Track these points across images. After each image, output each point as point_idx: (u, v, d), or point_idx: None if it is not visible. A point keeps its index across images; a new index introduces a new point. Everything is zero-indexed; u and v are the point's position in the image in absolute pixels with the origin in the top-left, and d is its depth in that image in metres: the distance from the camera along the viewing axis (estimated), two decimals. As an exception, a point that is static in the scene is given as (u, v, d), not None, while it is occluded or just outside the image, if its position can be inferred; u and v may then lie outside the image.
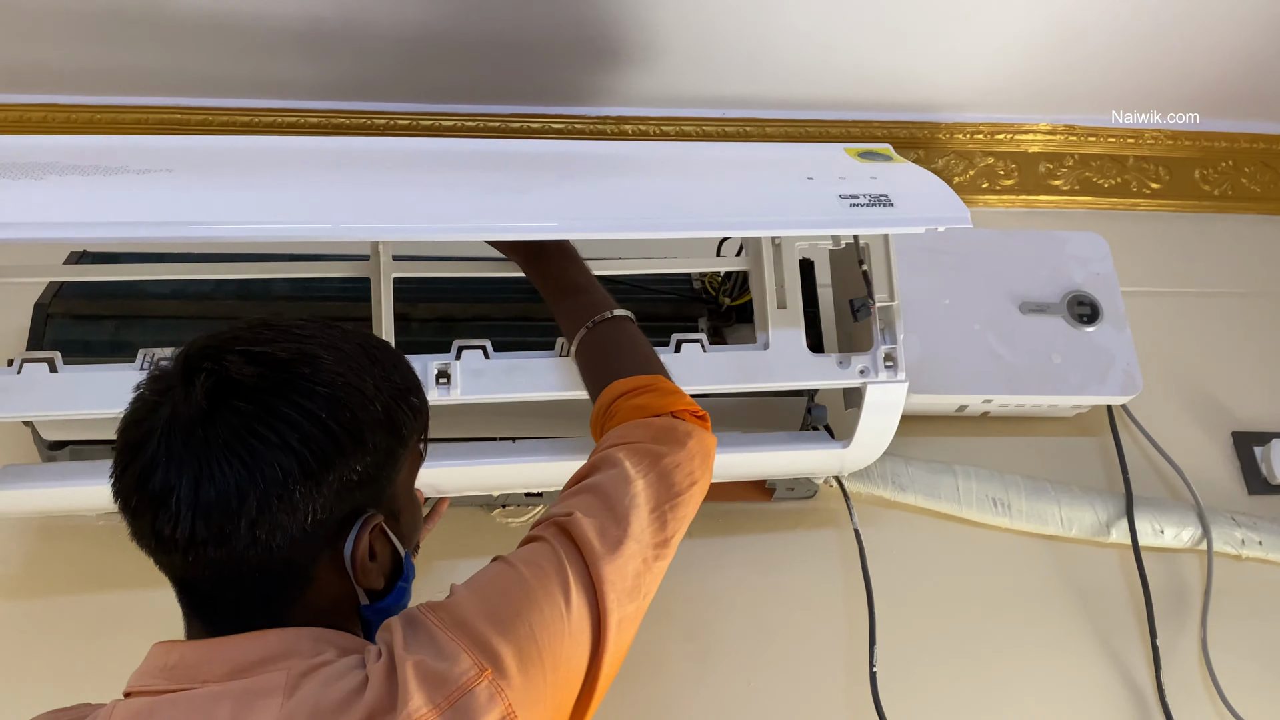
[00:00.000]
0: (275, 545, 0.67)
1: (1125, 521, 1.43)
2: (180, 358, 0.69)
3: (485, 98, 1.64)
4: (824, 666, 1.33)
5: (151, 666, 0.70)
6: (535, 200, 1.01)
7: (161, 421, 0.66)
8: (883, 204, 1.02)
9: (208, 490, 0.65)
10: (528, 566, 0.75)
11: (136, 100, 1.61)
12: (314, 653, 0.68)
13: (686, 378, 1.06)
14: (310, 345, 0.70)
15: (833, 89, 1.66)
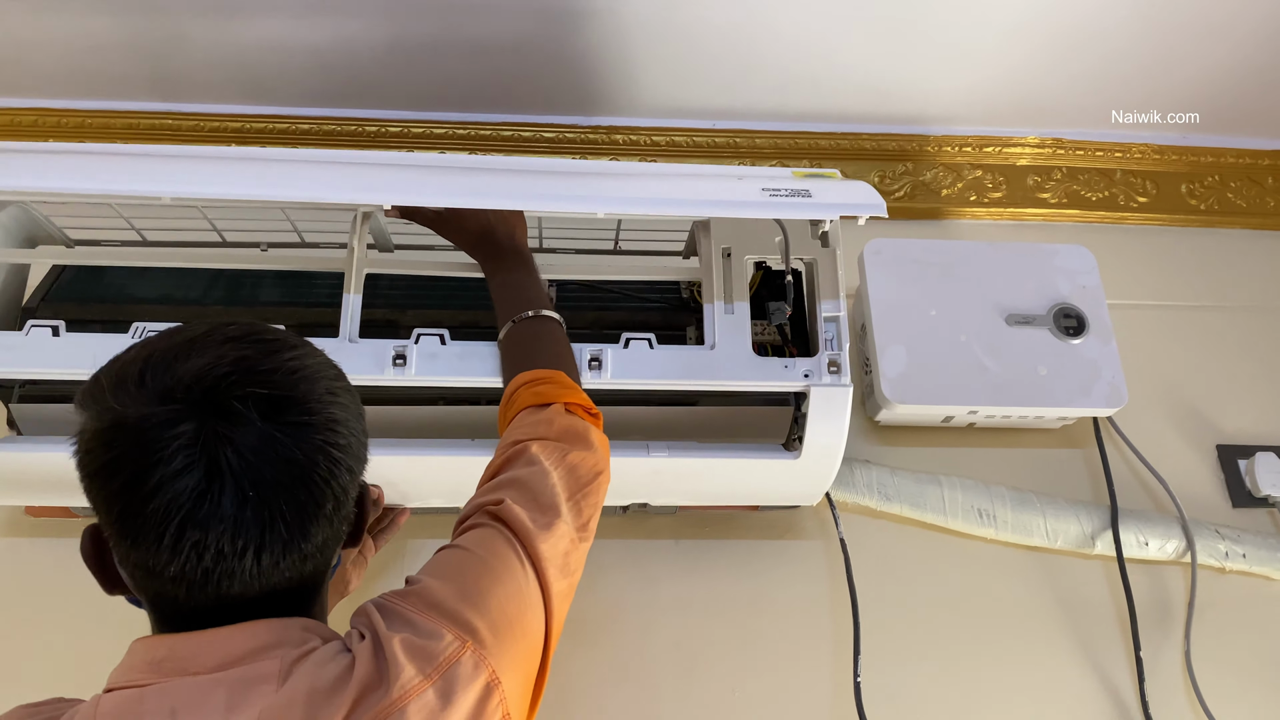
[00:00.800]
0: (318, 580, 0.74)
1: (1110, 533, 1.43)
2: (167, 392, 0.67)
3: (475, 106, 1.64)
4: (808, 676, 1.33)
5: (137, 662, 0.70)
6: (498, 182, 1.11)
7: (198, 454, 0.66)
8: (801, 195, 1.09)
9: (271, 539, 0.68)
10: (481, 548, 0.80)
11: (127, 105, 1.61)
12: (302, 640, 0.70)
13: (635, 371, 1.15)
14: (305, 397, 0.70)
15: (822, 101, 1.67)
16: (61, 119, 1.60)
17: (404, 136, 1.64)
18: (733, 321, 1.19)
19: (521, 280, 1.12)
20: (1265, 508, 1.52)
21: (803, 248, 1.25)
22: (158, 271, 1.33)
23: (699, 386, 1.19)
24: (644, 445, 1.25)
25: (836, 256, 1.23)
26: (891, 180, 1.72)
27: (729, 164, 1.71)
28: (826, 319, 1.20)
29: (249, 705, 0.66)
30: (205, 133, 1.62)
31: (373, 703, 0.67)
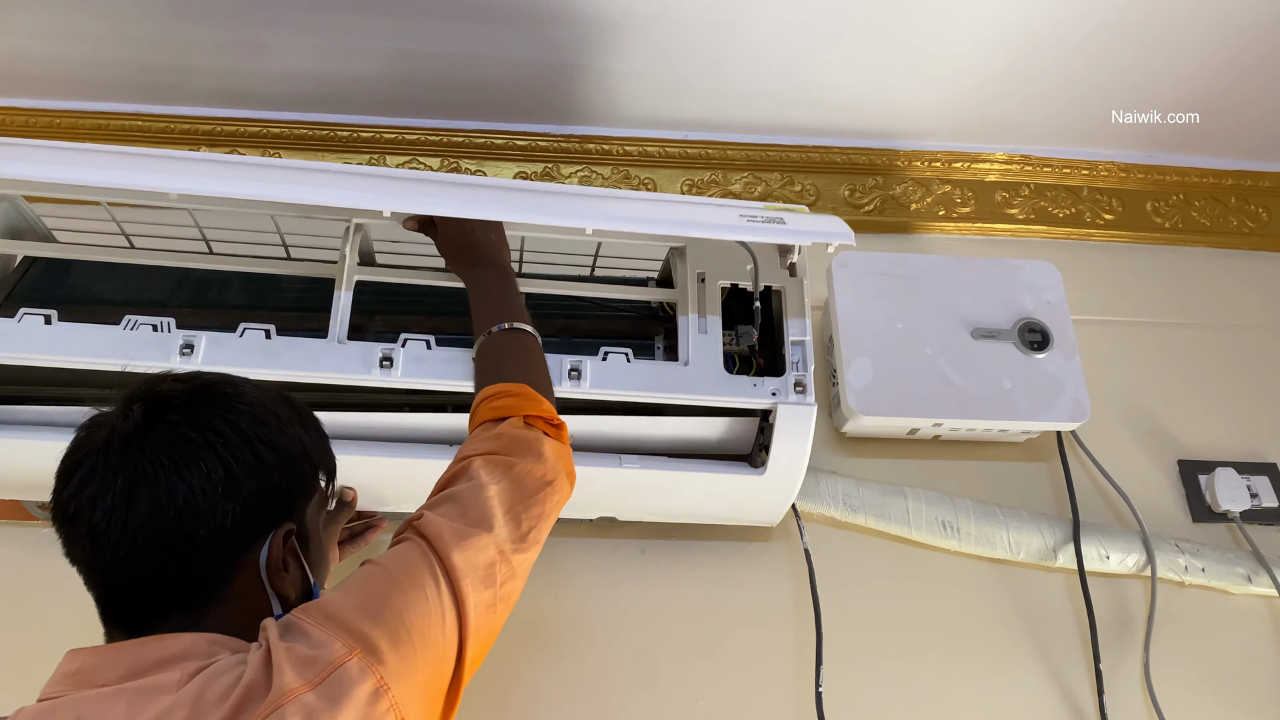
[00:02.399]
0: (199, 540, 0.75)
1: (1072, 546, 1.45)
2: (118, 398, 0.78)
3: (448, 113, 1.65)
4: (771, 685, 1.33)
5: (58, 674, 0.75)
6: (492, 195, 1.16)
7: (99, 441, 0.75)
8: (776, 222, 1.16)
9: (141, 489, 0.73)
10: (392, 562, 0.83)
11: (118, 107, 1.61)
12: (209, 654, 0.73)
13: (612, 383, 1.20)
14: (232, 379, 0.82)
15: (794, 114, 1.68)
16: (54, 120, 1.59)
17: (376, 142, 1.64)
18: (705, 341, 1.26)
19: (500, 293, 1.14)
20: (1224, 522, 1.54)
21: (772, 276, 1.31)
22: (128, 271, 1.32)
23: (672, 400, 1.24)
24: (616, 457, 1.29)
25: (803, 286, 1.30)
26: (861, 194, 1.74)
27: (701, 173, 1.72)
28: (793, 343, 1.27)
29: (144, 712, 0.69)
30: (176, 134, 1.61)
31: (253, 706, 0.69)
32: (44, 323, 1.16)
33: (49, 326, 1.16)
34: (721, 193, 1.71)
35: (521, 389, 1.01)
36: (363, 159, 1.64)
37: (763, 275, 1.31)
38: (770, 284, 1.31)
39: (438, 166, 1.66)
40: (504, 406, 0.98)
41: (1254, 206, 1.82)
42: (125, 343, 1.16)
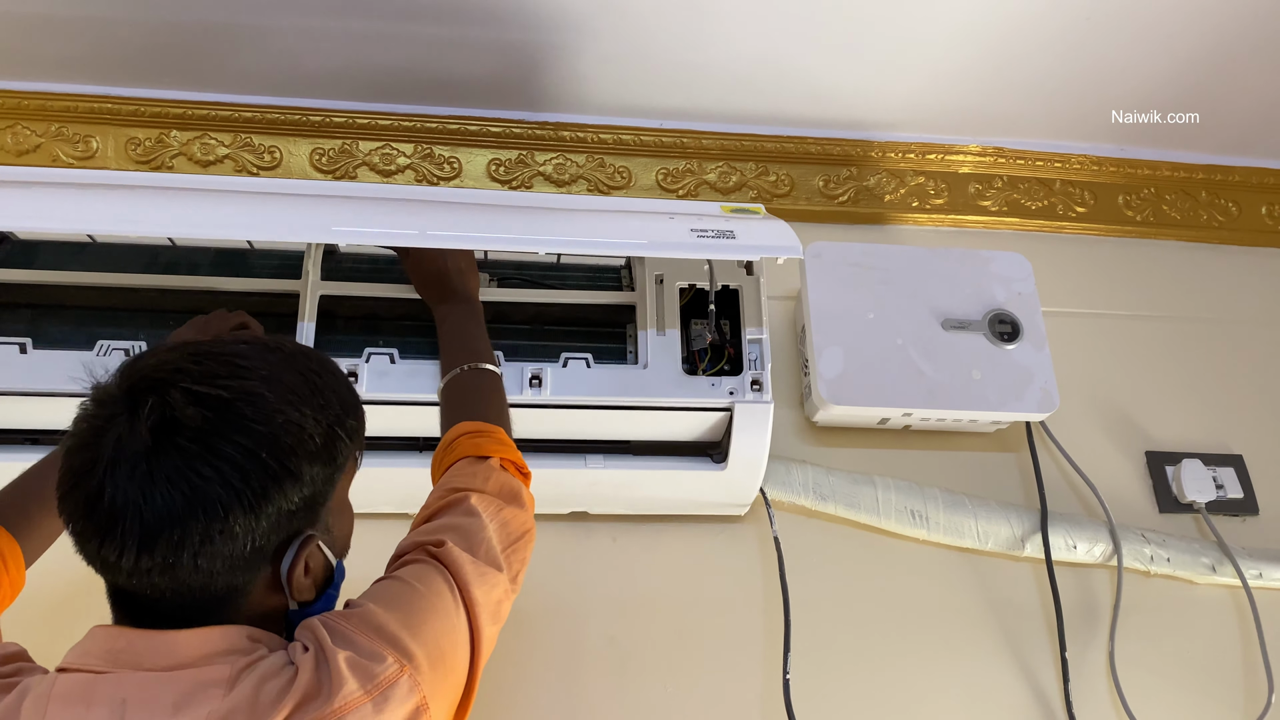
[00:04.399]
0: (216, 571, 0.72)
1: (1040, 536, 1.46)
2: (124, 381, 0.72)
3: (422, 99, 1.64)
4: (740, 672, 1.34)
5: (94, 647, 0.74)
6: (443, 218, 1.18)
7: (108, 450, 0.69)
8: (726, 236, 1.18)
9: (151, 524, 0.69)
10: (421, 583, 0.83)
11: (64, 88, 1.59)
12: (250, 649, 0.74)
13: (572, 388, 1.25)
14: (252, 381, 0.73)
15: (768, 104, 1.68)
16: (21, 101, 1.57)
17: (349, 127, 1.63)
18: (663, 343, 1.30)
19: (469, 330, 1.16)
20: (1190, 513, 1.55)
21: (730, 276, 1.35)
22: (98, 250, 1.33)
23: (632, 403, 1.27)
24: (582, 457, 1.32)
25: (760, 285, 1.34)
26: (835, 184, 1.74)
27: (676, 163, 1.71)
28: (750, 341, 1.31)
29: (197, 706, 0.69)
30: (146, 118, 1.60)
31: (312, 710, 0.71)
32: (19, 352, 1.18)
33: (24, 355, 1.18)
34: (696, 182, 1.71)
35: (498, 431, 1.02)
36: (335, 144, 1.63)
37: (722, 275, 1.35)
38: (728, 284, 1.35)
39: (411, 152, 1.65)
40: (483, 445, 0.99)
41: (1224, 201, 1.83)
42: (99, 368, 1.13)
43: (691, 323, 1.35)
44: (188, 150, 1.60)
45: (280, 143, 1.62)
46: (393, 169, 1.64)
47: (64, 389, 1.17)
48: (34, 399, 1.20)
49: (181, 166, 1.60)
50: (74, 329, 1.25)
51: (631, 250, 1.30)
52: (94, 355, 1.20)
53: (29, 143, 1.58)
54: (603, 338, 1.34)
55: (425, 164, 1.65)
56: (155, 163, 1.59)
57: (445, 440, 1.02)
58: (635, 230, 1.24)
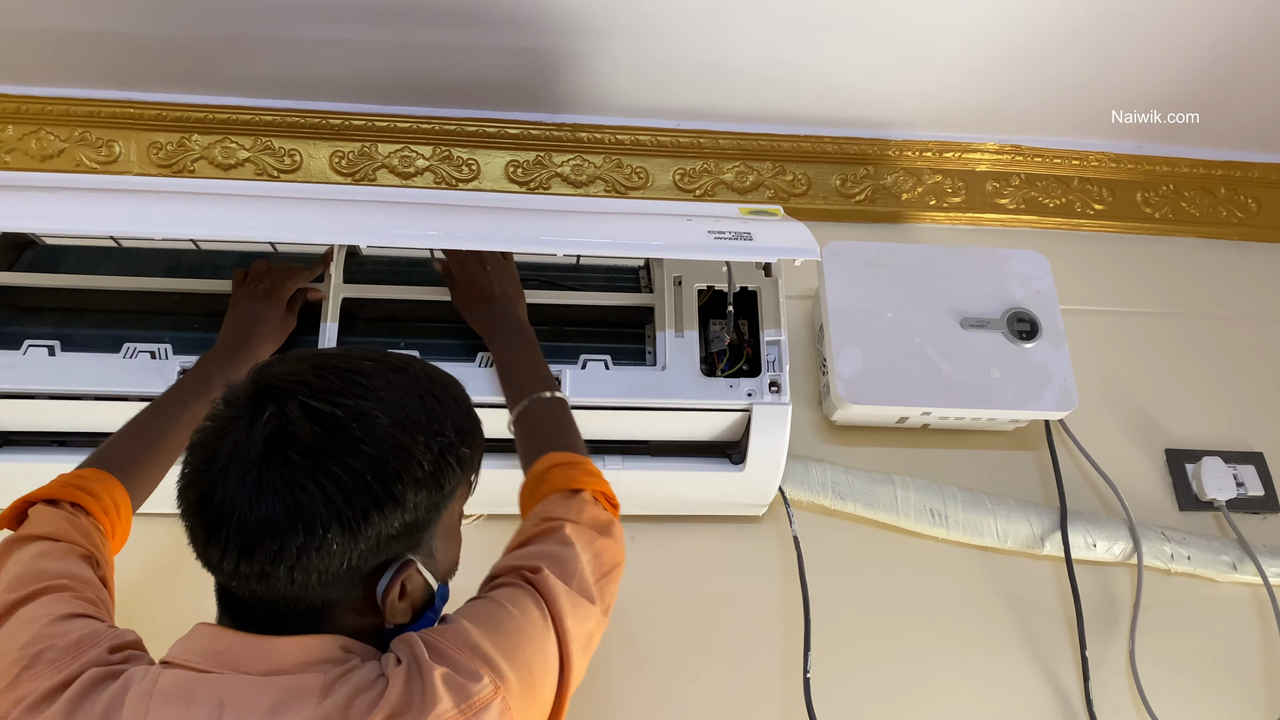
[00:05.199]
0: (310, 585, 0.74)
1: (1059, 534, 1.46)
2: (251, 386, 0.74)
3: (441, 101, 1.65)
4: (760, 671, 1.34)
5: (198, 646, 0.77)
6: (464, 222, 1.20)
7: (225, 452, 0.72)
8: (744, 239, 1.18)
9: (253, 532, 0.71)
10: (515, 607, 0.84)
11: (87, 93, 1.60)
12: (343, 659, 0.76)
13: (592, 390, 1.25)
14: (369, 402, 0.74)
15: (785, 104, 1.68)
16: (21, 105, 1.59)
17: (368, 130, 1.64)
18: (682, 345, 1.31)
19: (530, 356, 1.17)
20: (1211, 511, 1.55)
21: (748, 277, 1.35)
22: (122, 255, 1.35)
23: (650, 404, 1.28)
24: (601, 458, 1.33)
25: (778, 286, 1.34)
26: (853, 183, 1.74)
27: (693, 163, 1.72)
28: (769, 342, 1.32)
29: (291, 713, 0.72)
30: (167, 122, 1.61)
31: None
32: (48, 354, 1.21)
33: (53, 358, 1.20)
34: (713, 182, 1.71)
35: (586, 462, 1.02)
36: (354, 146, 1.64)
37: (739, 276, 1.35)
38: (746, 285, 1.35)
39: (429, 155, 1.66)
40: (576, 478, 0.99)
41: (1243, 197, 1.83)
42: (125, 371, 1.20)
43: (710, 324, 1.36)
44: (209, 154, 1.62)
45: (300, 146, 1.63)
46: (411, 171, 1.65)
47: (91, 390, 1.20)
48: (62, 402, 1.22)
49: (203, 170, 1.61)
50: (100, 332, 1.27)
51: (650, 252, 1.31)
52: (120, 358, 1.21)
53: (53, 148, 1.60)
54: (622, 339, 1.35)
55: (444, 166, 1.66)
56: (177, 166, 1.61)
57: (536, 471, 1.02)
58: (653, 232, 1.25)
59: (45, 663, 0.76)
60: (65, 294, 1.29)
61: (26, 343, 1.21)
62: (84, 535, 0.92)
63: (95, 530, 0.94)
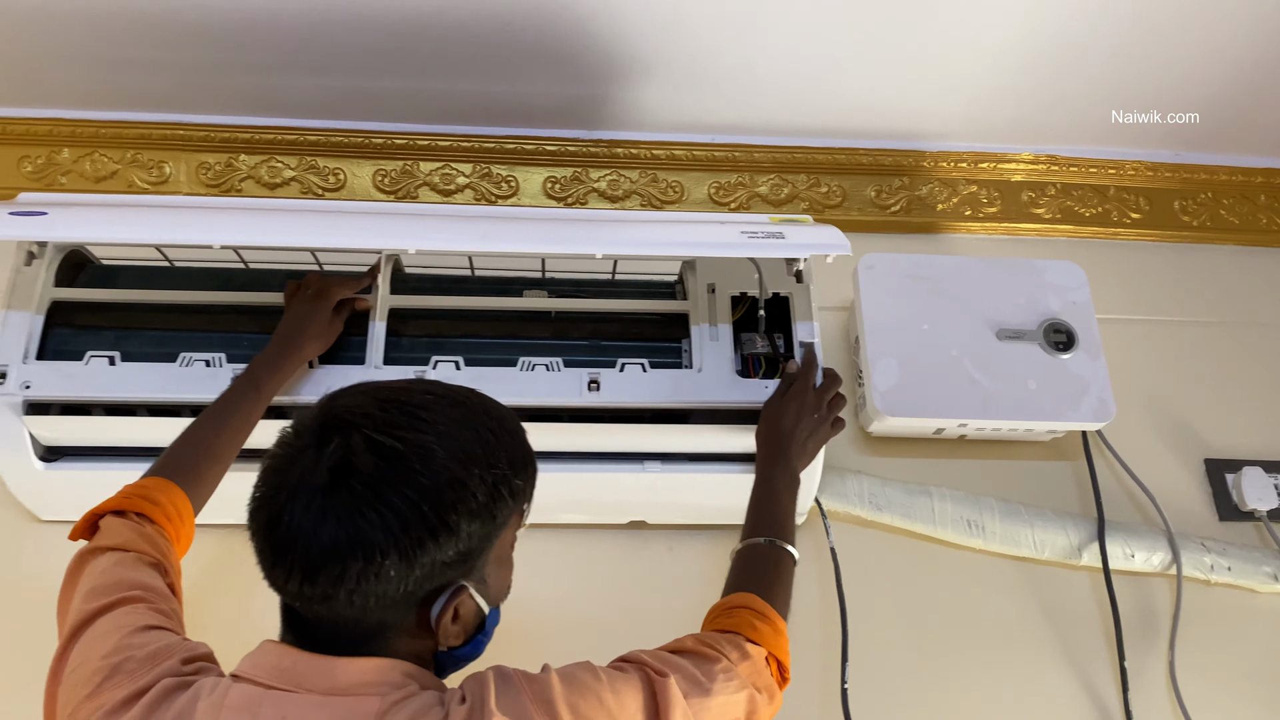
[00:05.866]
0: (368, 608, 0.77)
1: (1097, 545, 1.46)
2: (319, 417, 0.78)
3: (480, 119, 1.68)
4: (797, 681, 1.33)
5: (265, 661, 0.81)
6: (510, 229, 1.25)
7: (293, 480, 0.76)
8: (775, 237, 1.22)
9: (316, 556, 0.75)
10: (611, 685, 0.84)
11: (140, 116, 1.65)
12: (402, 684, 0.79)
13: (630, 392, 1.29)
14: (428, 435, 0.78)
15: (820, 117, 1.70)
16: (76, 129, 1.64)
17: (409, 149, 1.68)
18: (717, 347, 1.34)
19: (785, 503, 1.17)
20: (1251, 521, 1.54)
21: (780, 284, 1.38)
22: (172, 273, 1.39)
23: (686, 405, 1.31)
24: (640, 462, 1.36)
25: (810, 292, 1.37)
26: (888, 194, 1.75)
27: (728, 176, 1.74)
28: (801, 343, 1.34)
29: None
30: (215, 143, 1.65)
31: None
32: (109, 364, 1.26)
33: (113, 368, 1.26)
34: (748, 195, 1.73)
35: (780, 622, 1.03)
36: (396, 165, 1.68)
37: (772, 283, 1.38)
38: (779, 291, 1.38)
39: (469, 172, 1.69)
40: (762, 633, 1.00)
41: (1284, 204, 1.82)
42: (182, 379, 1.26)
43: (743, 335, 1.37)
44: (255, 173, 1.66)
45: (344, 165, 1.67)
46: (452, 188, 1.69)
47: (150, 397, 1.25)
48: (121, 419, 1.28)
49: (250, 189, 1.65)
50: (154, 347, 1.31)
51: (685, 250, 1.33)
52: (177, 367, 1.26)
53: (106, 169, 1.65)
54: (659, 352, 1.37)
55: (483, 183, 1.69)
56: (225, 186, 1.65)
57: (731, 603, 1.03)
58: (688, 233, 1.29)
59: (124, 673, 0.80)
60: (122, 309, 1.34)
61: (88, 354, 1.26)
62: (151, 544, 0.97)
63: (161, 537, 0.99)
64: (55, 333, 1.31)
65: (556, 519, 1.41)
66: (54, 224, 1.18)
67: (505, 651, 0.90)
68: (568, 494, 1.37)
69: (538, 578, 1.13)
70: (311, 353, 1.25)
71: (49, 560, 1.23)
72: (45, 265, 1.32)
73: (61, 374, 1.26)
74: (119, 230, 1.20)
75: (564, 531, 1.42)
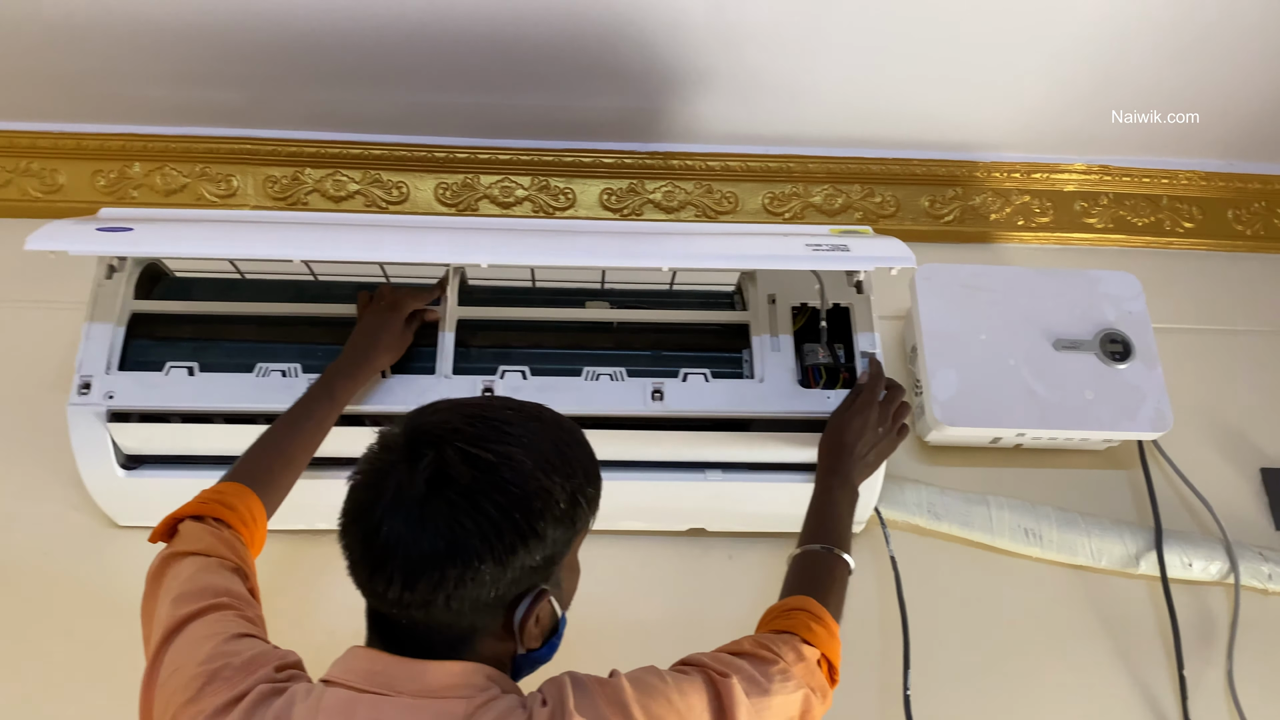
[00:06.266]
0: (463, 612, 0.81)
1: (1154, 554, 1.47)
2: (407, 434, 0.82)
3: (539, 133, 1.71)
4: (858, 689, 1.37)
5: (354, 666, 0.84)
6: (578, 243, 1.31)
7: (388, 493, 0.80)
8: (840, 250, 1.24)
9: (416, 563, 0.79)
10: (678, 687, 0.88)
11: (208, 131, 1.69)
12: (485, 686, 0.83)
13: (692, 401, 1.32)
14: (515, 448, 0.82)
15: (874, 128, 1.71)
16: (147, 144, 1.68)
17: (471, 162, 1.71)
18: (778, 358, 1.36)
19: (843, 513, 1.20)
20: (1309, 531, 1.55)
21: (840, 294, 1.40)
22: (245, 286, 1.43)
23: (748, 415, 1.33)
24: (702, 471, 1.38)
25: (870, 302, 1.40)
26: (941, 204, 1.77)
27: (782, 186, 1.76)
28: (862, 354, 1.37)
29: None
30: (282, 157, 1.69)
31: None
32: (188, 374, 1.31)
33: (192, 378, 1.30)
34: (802, 205, 1.75)
35: (833, 625, 1.05)
36: (458, 178, 1.71)
37: (832, 293, 1.40)
38: (839, 301, 1.40)
39: (528, 185, 1.72)
40: (817, 635, 1.02)
41: (1338, 213, 1.81)
42: (259, 389, 1.30)
43: (804, 346, 1.40)
44: (321, 187, 1.70)
45: (407, 178, 1.71)
46: (511, 201, 1.72)
47: (228, 407, 1.30)
48: (198, 427, 1.32)
49: (315, 202, 1.69)
50: (231, 358, 1.34)
51: (753, 264, 1.35)
52: (254, 377, 1.30)
53: (176, 183, 1.69)
54: (720, 362, 1.39)
55: (541, 195, 1.72)
56: (291, 199, 1.69)
57: (787, 604, 1.07)
58: (754, 246, 1.31)
59: (222, 680, 0.84)
60: (199, 320, 1.38)
61: (168, 364, 1.31)
62: (230, 549, 1.00)
63: (238, 542, 1.03)
64: (135, 344, 1.35)
65: (617, 525, 1.44)
66: (140, 240, 1.22)
67: (568, 653, 0.93)
68: (630, 501, 1.39)
69: (600, 583, 1.16)
70: (383, 363, 1.29)
71: (126, 564, 1.28)
72: (125, 278, 1.36)
73: (143, 384, 1.30)
74: (204, 246, 1.25)
75: (625, 537, 1.45)
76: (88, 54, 1.51)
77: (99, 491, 1.37)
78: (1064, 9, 1.45)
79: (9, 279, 1.59)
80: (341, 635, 0.90)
